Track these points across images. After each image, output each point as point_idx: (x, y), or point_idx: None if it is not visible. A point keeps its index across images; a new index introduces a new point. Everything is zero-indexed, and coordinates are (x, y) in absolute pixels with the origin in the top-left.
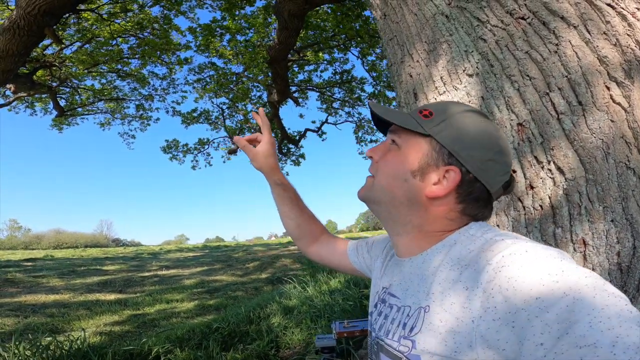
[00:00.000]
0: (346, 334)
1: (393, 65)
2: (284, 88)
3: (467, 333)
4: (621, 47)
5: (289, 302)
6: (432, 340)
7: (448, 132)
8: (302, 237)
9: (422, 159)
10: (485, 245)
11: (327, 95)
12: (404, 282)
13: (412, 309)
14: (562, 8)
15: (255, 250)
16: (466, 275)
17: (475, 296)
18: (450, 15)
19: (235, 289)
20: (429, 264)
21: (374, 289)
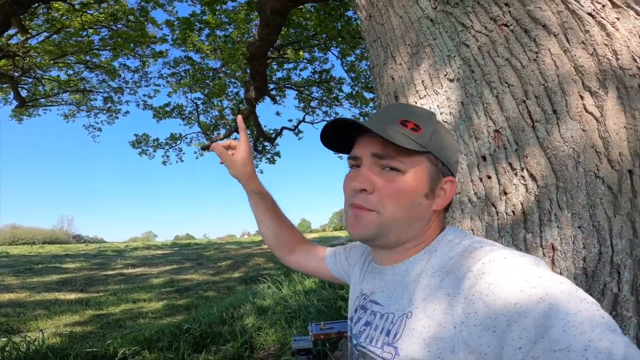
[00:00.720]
0: (323, 336)
1: (375, 67)
2: (262, 85)
3: (449, 338)
4: (598, 56)
5: (263, 303)
6: (414, 346)
7: (440, 144)
8: (280, 246)
9: (428, 177)
10: (464, 252)
11: (305, 94)
12: (386, 290)
13: (395, 315)
14: (544, 16)
15: (228, 249)
16: (447, 282)
17: (457, 302)
18: (436, 19)
19: (206, 289)
20: (411, 271)
21: (353, 295)
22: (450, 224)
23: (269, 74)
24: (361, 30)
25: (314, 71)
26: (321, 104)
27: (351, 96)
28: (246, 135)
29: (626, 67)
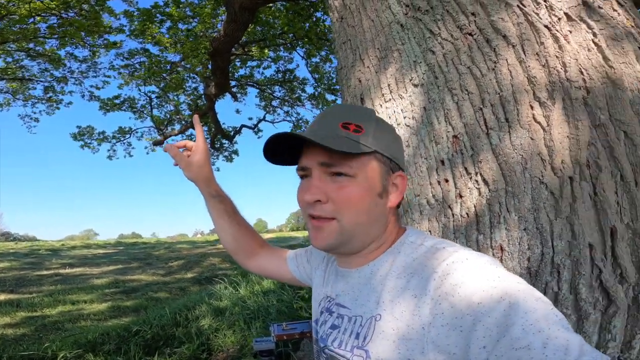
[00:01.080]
0: (285, 337)
1: (343, 69)
2: (224, 82)
3: (418, 339)
4: (549, 68)
5: (219, 304)
6: (385, 348)
7: (384, 140)
8: (241, 250)
9: (380, 176)
10: (428, 253)
11: (267, 93)
12: (352, 293)
13: (364, 318)
14: (505, 27)
15: (179, 248)
16: (414, 284)
17: (424, 303)
18: (406, 24)
19: (157, 290)
20: (376, 273)
21: (317, 297)
22: (410, 225)
23: (231, 70)
24: (332, 32)
25: (278, 70)
26: (283, 104)
27: (313, 97)
28: (203, 135)
29: (573, 80)
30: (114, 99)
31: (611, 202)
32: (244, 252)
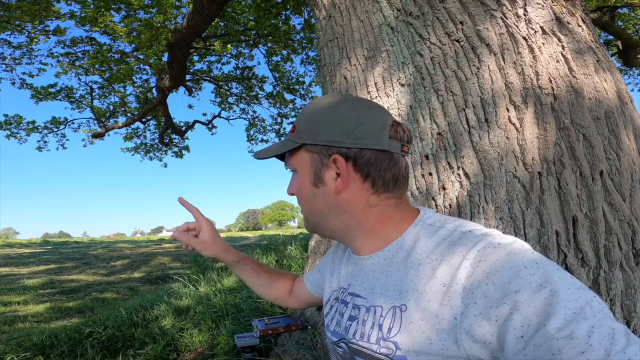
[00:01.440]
0: (271, 331)
1: (327, 66)
2: (180, 75)
3: (450, 329)
4: (524, 75)
5: (180, 303)
6: (416, 339)
7: (308, 130)
8: (279, 295)
9: (310, 166)
10: (453, 238)
11: (224, 89)
12: (367, 281)
13: (384, 309)
14: (489, 36)
15: (120, 247)
16: (442, 272)
17: (455, 293)
18: (396, 27)
19: (102, 290)
20: (391, 260)
21: (328, 291)
22: None
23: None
24: (315, 28)
25: (236, 67)
26: (239, 101)
27: (271, 96)
28: (200, 213)
29: (544, 87)
30: (49, 87)
31: (573, 195)
32: (282, 295)
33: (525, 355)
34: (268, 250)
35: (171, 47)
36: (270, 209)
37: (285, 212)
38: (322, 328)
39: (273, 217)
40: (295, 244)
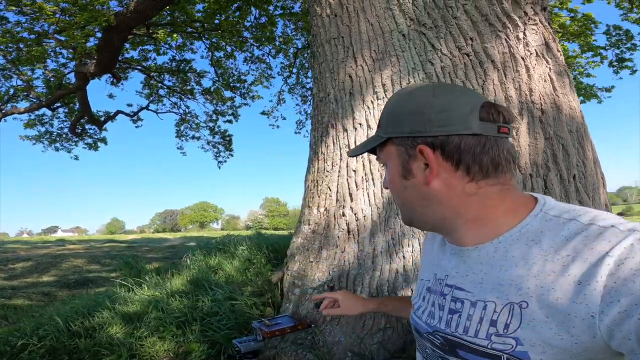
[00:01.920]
0: (278, 332)
1: (329, 63)
2: (110, 62)
3: (586, 327)
4: (520, 91)
5: (127, 308)
6: (541, 335)
7: (391, 123)
8: None
9: (398, 160)
10: (589, 232)
11: (156, 80)
12: (472, 274)
13: (497, 304)
14: (494, 54)
15: (13, 248)
16: (576, 269)
17: (593, 290)
18: (408, 35)
19: (9, 296)
20: (505, 254)
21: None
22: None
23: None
24: (312, 24)
25: (173, 59)
26: (171, 94)
27: (209, 92)
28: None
29: (535, 102)
30: None
31: (557, 193)
32: None
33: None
34: (214, 250)
35: (108, 31)
36: (191, 210)
37: (207, 213)
38: (322, 326)
39: (194, 218)
40: (248, 244)
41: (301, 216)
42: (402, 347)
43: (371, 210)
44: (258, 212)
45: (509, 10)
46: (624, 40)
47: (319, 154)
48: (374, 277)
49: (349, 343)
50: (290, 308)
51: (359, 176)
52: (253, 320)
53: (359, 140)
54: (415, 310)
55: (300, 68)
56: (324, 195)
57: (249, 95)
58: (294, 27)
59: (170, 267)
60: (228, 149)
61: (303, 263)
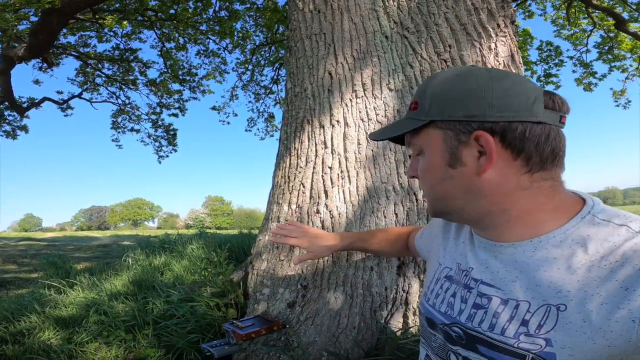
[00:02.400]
0: (254, 334)
1: (308, 58)
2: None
3: (624, 331)
4: None
5: (60, 312)
6: (574, 339)
7: (438, 106)
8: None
9: (444, 145)
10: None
11: (93, 68)
12: (504, 271)
13: (532, 305)
14: (469, 62)
15: None
16: (624, 275)
17: (638, 296)
18: (391, 37)
19: None
20: (546, 255)
21: (433, 267)
22: (375, 209)
23: None
24: (292, 19)
25: (116, 47)
26: (110, 83)
27: (154, 83)
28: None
29: None
30: None
31: None
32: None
33: None
34: (158, 250)
35: (49, 14)
36: (123, 207)
37: (142, 210)
38: (297, 326)
39: (126, 215)
40: (200, 243)
41: (269, 213)
42: (376, 345)
43: (346, 207)
44: (200, 211)
45: (485, 21)
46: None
47: (292, 150)
48: (348, 274)
49: (324, 342)
50: (258, 309)
51: (334, 173)
52: (224, 323)
53: (336, 138)
54: (428, 297)
55: (257, 65)
56: (296, 191)
57: (199, 89)
58: (254, 23)
59: (104, 268)
60: (171, 144)
61: (272, 262)
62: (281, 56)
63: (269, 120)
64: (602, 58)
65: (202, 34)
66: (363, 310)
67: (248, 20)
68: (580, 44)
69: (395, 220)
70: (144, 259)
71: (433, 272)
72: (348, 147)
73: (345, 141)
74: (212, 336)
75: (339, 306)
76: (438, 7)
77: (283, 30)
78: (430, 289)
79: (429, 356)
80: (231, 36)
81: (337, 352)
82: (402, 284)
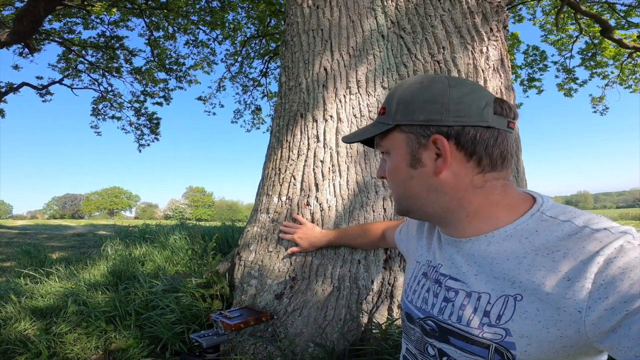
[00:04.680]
0: (243, 325)
1: (304, 53)
2: (29, 31)
3: (572, 322)
4: None
5: (36, 302)
6: (529, 328)
7: (402, 111)
8: (377, 245)
9: (406, 148)
10: (582, 234)
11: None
12: (466, 266)
13: (492, 296)
14: (461, 64)
15: None
16: (566, 266)
17: (582, 287)
18: (387, 37)
19: None
20: (499, 248)
21: (411, 265)
22: (365, 203)
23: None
24: (289, 13)
25: (103, 34)
26: (92, 70)
27: (139, 71)
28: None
29: None
30: None
31: None
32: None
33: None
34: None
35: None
36: (99, 195)
37: (119, 199)
38: (284, 317)
39: (102, 204)
40: (181, 234)
41: (258, 204)
42: (361, 337)
43: (336, 201)
44: (180, 201)
45: (479, 24)
46: (537, 61)
47: (284, 142)
48: (336, 267)
49: (311, 334)
50: (245, 300)
51: (326, 167)
52: (212, 314)
53: (329, 132)
54: (407, 293)
55: (246, 57)
56: (287, 183)
57: (185, 79)
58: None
59: (81, 257)
60: (154, 132)
61: (260, 253)
62: (272, 49)
63: (256, 113)
64: (584, 64)
65: (193, 24)
66: (349, 302)
67: (240, 11)
68: (566, 50)
69: (384, 215)
70: (124, 249)
71: (412, 270)
72: (340, 142)
73: (337, 136)
74: (197, 327)
75: (326, 298)
76: (435, 9)
77: (275, 23)
78: (409, 285)
79: (409, 349)
80: (222, 27)
81: (323, 344)
82: (388, 277)
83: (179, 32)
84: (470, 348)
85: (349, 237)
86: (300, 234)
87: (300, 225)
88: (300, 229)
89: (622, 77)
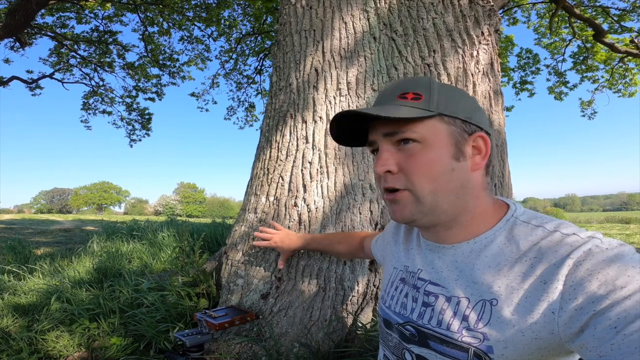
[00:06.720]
0: (227, 324)
1: (295, 53)
2: (21, 25)
3: (546, 322)
4: None
5: (19, 299)
6: (506, 332)
7: (450, 103)
8: (354, 254)
9: (449, 139)
10: (554, 238)
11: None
12: (447, 271)
13: (470, 301)
14: (451, 67)
15: None
16: (542, 270)
17: (554, 289)
18: (379, 39)
19: None
20: (478, 254)
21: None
22: (352, 205)
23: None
24: (283, 13)
25: (95, 28)
26: (84, 64)
27: (132, 66)
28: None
29: None
30: None
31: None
32: (357, 253)
33: (612, 344)
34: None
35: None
36: (87, 190)
37: (109, 194)
38: (269, 317)
39: (90, 199)
40: (170, 231)
41: (246, 204)
42: (346, 337)
43: (324, 202)
44: (171, 197)
45: (470, 28)
46: (530, 64)
47: (273, 142)
48: (322, 268)
49: (296, 334)
50: (232, 299)
51: (314, 168)
52: (197, 313)
53: (318, 133)
54: (385, 299)
55: (241, 54)
56: (275, 184)
57: (179, 74)
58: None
59: (66, 254)
60: (145, 128)
61: (247, 253)
62: (267, 47)
63: (250, 110)
64: (576, 68)
65: (189, 20)
66: (335, 303)
67: (236, 8)
68: (558, 53)
69: (370, 217)
70: (111, 245)
71: (389, 277)
72: (329, 144)
73: (326, 137)
74: (182, 326)
75: (312, 299)
76: (428, 12)
77: (271, 21)
78: (386, 291)
79: (387, 356)
80: (217, 24)
81: (308, 344)
82: (373, 279)
83: (174, 28)
84: (450, 352)
85: (328, 241)
86: (276, 239)
87: (276, 231)
88: (277, 234)
89: (611, 81)
